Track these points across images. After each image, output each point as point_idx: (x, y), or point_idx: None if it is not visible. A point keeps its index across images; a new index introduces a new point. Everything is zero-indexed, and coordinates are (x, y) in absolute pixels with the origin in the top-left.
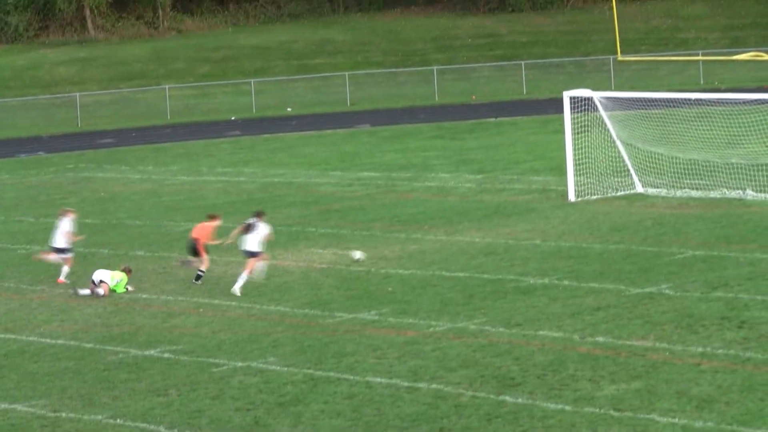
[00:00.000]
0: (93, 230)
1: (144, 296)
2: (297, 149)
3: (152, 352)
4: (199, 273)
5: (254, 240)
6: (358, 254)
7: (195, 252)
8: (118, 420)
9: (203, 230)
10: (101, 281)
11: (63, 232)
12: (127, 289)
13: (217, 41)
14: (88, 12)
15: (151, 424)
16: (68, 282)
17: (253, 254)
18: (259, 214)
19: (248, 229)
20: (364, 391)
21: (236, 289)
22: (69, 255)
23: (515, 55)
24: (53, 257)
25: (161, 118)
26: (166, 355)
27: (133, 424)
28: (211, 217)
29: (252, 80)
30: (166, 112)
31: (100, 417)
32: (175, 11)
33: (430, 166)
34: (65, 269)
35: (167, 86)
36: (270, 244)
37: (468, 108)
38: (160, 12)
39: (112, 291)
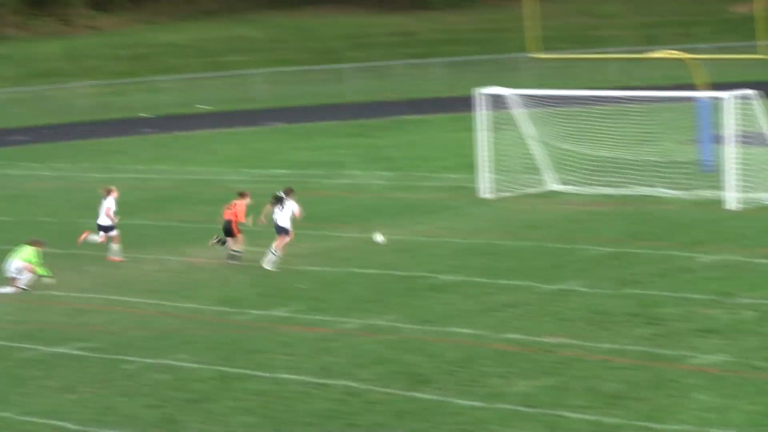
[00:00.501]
0: (5, 228)
1: (55, 293)
2: (210, 147)
3: (63, 349)
4: (234, 253)
5: (285, 215)
6: (379, 237)
7: (230, 233)
8: (28, 417)
9: (236, 209)
10: (17, 270)
11: (105, 210)
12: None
13: (132, 39)
14: (1, 9)
15: (61, 421)
16: (125, 259)
17: (283, 230)
18: (288, 191)
19: (277, 202)
20: (274, 387)
21: (267, 262)
22: (114, 233)
23: (430, 53)
24: (97, 237)
25: (74, 116)
26: (76, 352)
27: (43, 421)
28: (242, 195)
29: (166, 78)
30: (79, 110)
31: (9, 414)
32: (90, 9)
33: (343, 164)
34: (114, 247)
35: (81, 84)
36: (182, 241)
37: (381, 106)
38: (74, 9)
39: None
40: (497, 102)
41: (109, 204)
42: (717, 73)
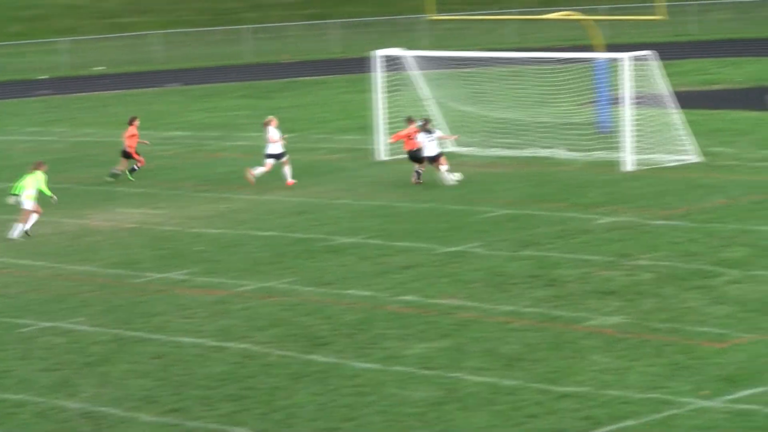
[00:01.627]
0: None
1: None
2: (108, 109)
3: None
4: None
5: (432, 144)
6: (456, 176)
7: (418, 160)
8: None
9: (407, 134)
10: (21, 202)
11: (273, 139)
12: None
13: (28, 0)
14: None
15: None
16: (295, 181)
17: (435, 158)
18: (427, 121)
19: (423, 128)
20: (172, 350)
21: (448, 180)
22: (285, 158)
23: (327, 14)
24: (267, 168)
25: None
26: None
27: None
28: (410, 120)
29: (63, 39)
30: None
31: None
32: None
33: (240, 126)
34: (287, 170)
35: None
36: (79, 204)
37: (279, 67)
38: None
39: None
40: (394, 63)
41: (272, 134)
42: (614, 35)
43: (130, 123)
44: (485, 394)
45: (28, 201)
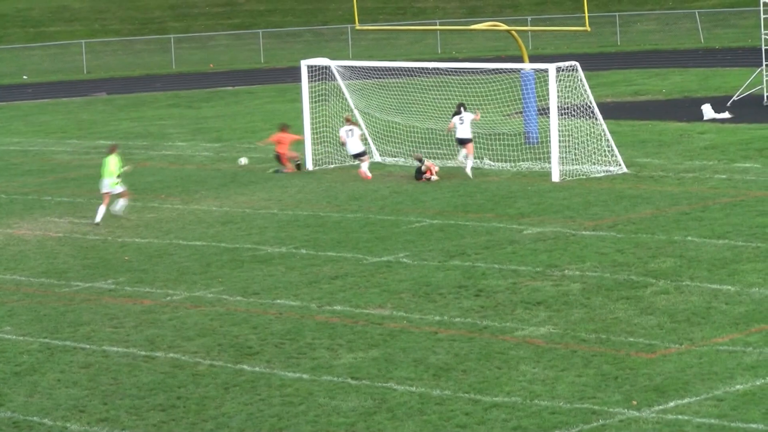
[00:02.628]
0: None
1: None
2: (33, 117)
3: None
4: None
5: (465, 127)
6: (243, 160)
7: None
8: None
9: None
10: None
11: (354, 139)
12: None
13: None
14: None
15: None
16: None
17: (465, 141)
18: (462, 105)
19: (457, 114)
20: (100, 360)
21: (469, 168)
22: (366, 156)
23: (253, 24)
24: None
25: None
26: None
27: None
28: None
29: None
30: None
31: None
32: None
33: (167, 135)
34: (365, 165)
35: None
36: (6, 213)
37: (205, 77)
38: None
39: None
40: (321, 73)
41: (356, 133)
42: (538, 46)
43: (282, 130)
44: (414, 404)
45: (113, 187)
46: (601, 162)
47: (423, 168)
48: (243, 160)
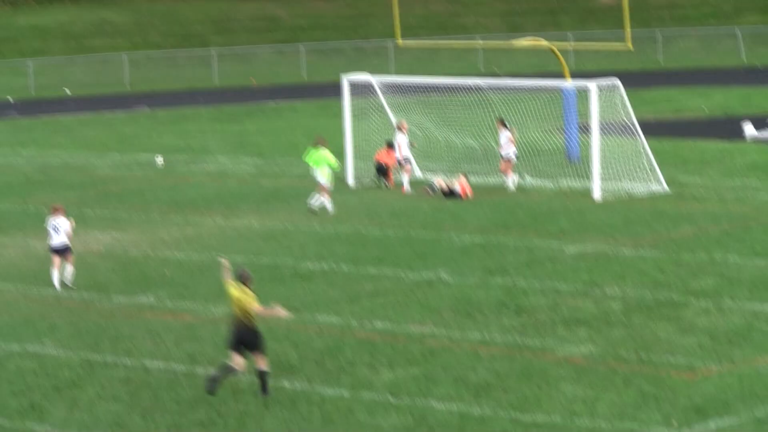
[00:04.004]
0: None
1: None
2: (75, 131)
3: None
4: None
5: (508, 144)
6: (159, 159)
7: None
8: None
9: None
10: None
11: (402, 146)
12: None
13: None
14: None
15: None
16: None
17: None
18: (502, 120)
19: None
20: (141, 375)
21: (511, 183)
22: (408, 165)
23: (294, 39)
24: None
25: None
26: None
27: None
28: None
29: (30, 60)
30: None
31: None
32: None
33: (209, 150)
34: (406, 178)
35: None
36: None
37: (247, 91)
38: None
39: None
40: (363, 89)
41: (401, 140)
42: (580, 63)
43: (390, 146)
44: (455, 422)
45: (321, 176)
46: (642, 180)
47: (436, 186)
48: (159, 160)
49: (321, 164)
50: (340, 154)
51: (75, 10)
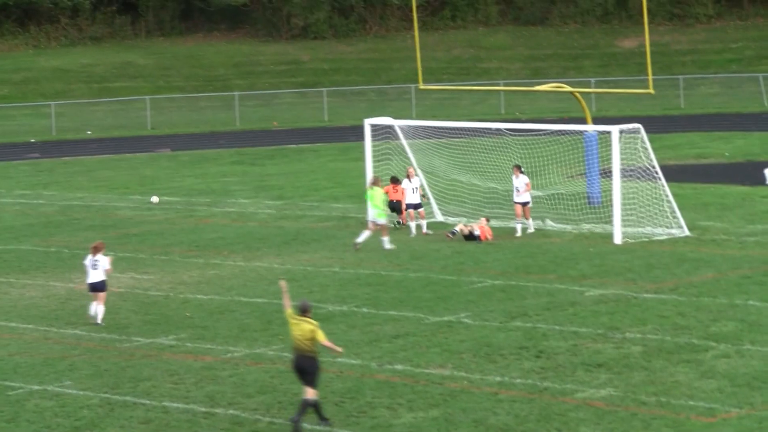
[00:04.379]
0: None
1: None
2: (96, 173)
3: None
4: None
5: (523, 192)
6: (154, 198)
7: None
8: None
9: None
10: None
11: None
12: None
13: (18, 63)
14: None
15: None
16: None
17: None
18: (517, 167)
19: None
20: (160, 416)
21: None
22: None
23: (317, 82)
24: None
25: None
26: None
27: None
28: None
29: (52, 103)
30: None
31: None
32: None
33: (230, 192)
34: (425, 224)
35: None
36: (68, 267)
37: (269, 134)
38: None
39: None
40: (384, 132)
41: (405, 186)
42: (602, 108)
43: (395, 182)
44: None
45: (380, 218)
46: (663, 224)
47: (457, 231)
48: (154, 199)
49: (374, 202)
50: (360, 196)
51: (98, 52)
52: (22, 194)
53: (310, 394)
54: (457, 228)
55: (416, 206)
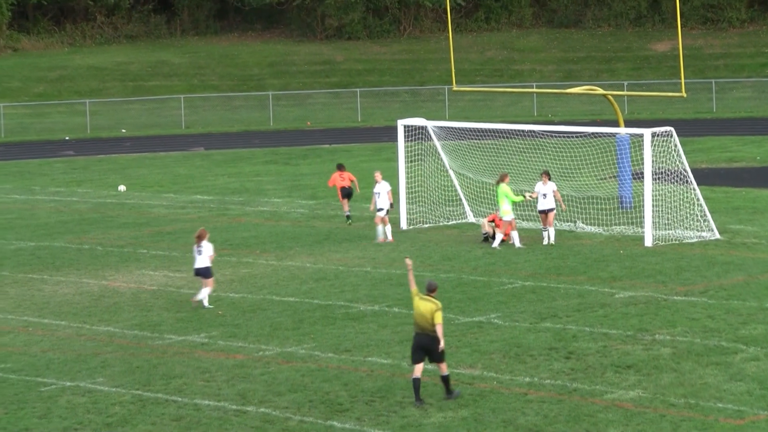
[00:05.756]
0: None
1: None
2: (131, 171)
3: None
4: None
5: (551, 198)
6: (121, 187)
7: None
8: None
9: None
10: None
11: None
12: None
13: (53, 61)
14: None
15: None
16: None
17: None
18: (546, 172)
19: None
20: (192, 413)
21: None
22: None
23: (351, 83)
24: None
25: None
26: None
27: None
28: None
29: (87, 101)
30: (0, 131)
31: None
32: (12, 30)
33: (263, 191)
34: (380, 229)
35: (1, 105)
36: (101, 265)
37: (302, 134)
38: None
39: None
40: (418, 133)
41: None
42: (634, 111)
43: (340, 169)
44: None
45: (507, 214)
46: (694, 228)
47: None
48: (122, 188)
49: (501, 199)
50: (393, 195)
51: (133, 51)
52: (57, 191)
53: (443, 369)
54: (486, 229)
55: (380, 210)
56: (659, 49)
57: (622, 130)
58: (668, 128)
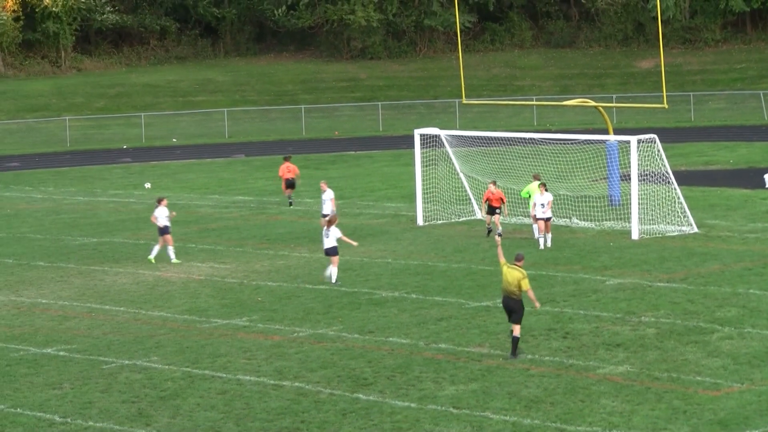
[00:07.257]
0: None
1: (43, 301)
2: (180, 175)
3: (49, 350)
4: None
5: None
6: (147, 184)
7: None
8: (18, 409)
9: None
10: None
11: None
12: None
13: (112, 79)
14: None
15: (47, 414)
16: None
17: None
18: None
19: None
20: (235, 387)
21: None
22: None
23: (373, 97)
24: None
25: (61, 146)
26: (61, 353)
27: (31, 413)
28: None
29: (142, 114)
30: (66, 141)
31: (2, 407)
32: (76, 52)
33: (297, 192)
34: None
35: (67, 118)
36: (156, 258)
37: (331, 142)
38: (63, 53)
39: None
40: (432, 141)
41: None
42: (622, 120)
43: (287, 160)
44: (508, 431)
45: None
46: (675, 223)
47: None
48: (147, 185)
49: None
50: (411, 197)
51: (182, 70)
52: (116, 194)
53: (516, 330)
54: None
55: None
56: (644, 66)
57: (612, 138)
58: (652, 135)
